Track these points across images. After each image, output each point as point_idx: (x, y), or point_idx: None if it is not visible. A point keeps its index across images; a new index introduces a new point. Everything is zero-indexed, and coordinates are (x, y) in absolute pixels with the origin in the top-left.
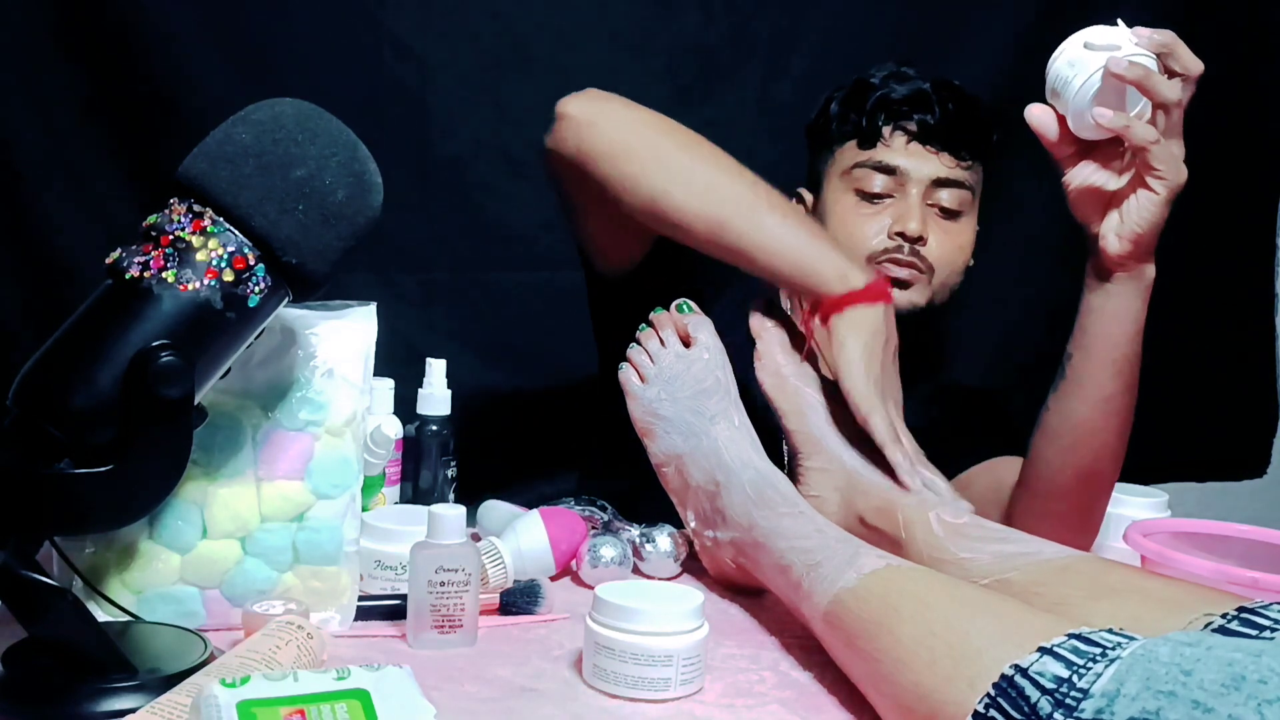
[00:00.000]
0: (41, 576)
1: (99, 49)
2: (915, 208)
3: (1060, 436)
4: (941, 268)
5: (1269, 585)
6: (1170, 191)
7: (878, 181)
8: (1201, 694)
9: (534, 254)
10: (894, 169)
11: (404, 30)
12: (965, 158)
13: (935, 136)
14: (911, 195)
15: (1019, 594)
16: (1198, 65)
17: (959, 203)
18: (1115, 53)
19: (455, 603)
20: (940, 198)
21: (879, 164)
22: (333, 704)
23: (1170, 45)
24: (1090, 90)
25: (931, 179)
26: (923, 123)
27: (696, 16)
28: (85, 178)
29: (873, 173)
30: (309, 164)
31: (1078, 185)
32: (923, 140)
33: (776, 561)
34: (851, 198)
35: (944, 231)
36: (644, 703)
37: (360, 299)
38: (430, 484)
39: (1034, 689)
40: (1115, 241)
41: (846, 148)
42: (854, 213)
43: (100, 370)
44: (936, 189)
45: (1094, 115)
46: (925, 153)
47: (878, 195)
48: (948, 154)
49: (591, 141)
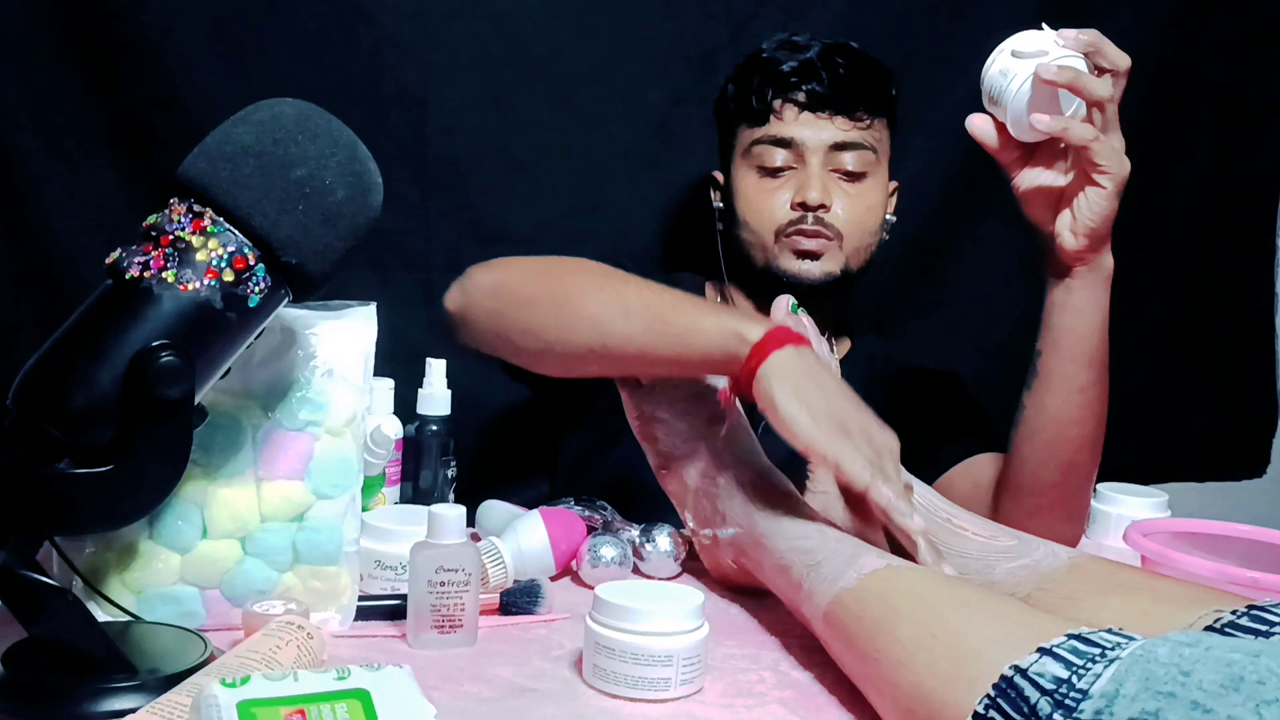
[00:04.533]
0: (41, 576)
1: (99, 49)
2: (815, 176)
3: (1038, 432)
4: (851, 232)
5: (1269, 585)
6: (1116, 184)
7: (777, 156)
8: (1200, 694)
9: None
10: (789, 141)
11: (404, 30)
12: (862, 117)
13: (827, 103)
14: (812, 164)
15: (1027, 592)
16: (1125, 60)
17: (862, 164)
18: (1043, 58)
19: (455, 603)
20: (842, 161)
21: (774, 138)
22: (333, 704)
23: (1096, 44)
24: (1024, 97)
25: (829, 145)
26: (811, 92)
27: (696, 16)
28: (85, 178)
29: (770, 148)
30: (309, 164)
31: (1026, 187)
32: (814, 109)
33: (777, 561)
34: (754, 175)
35: (849, 195)
36: (644, 703)
37: (360, 299)
38: (430, 484)
39: (1033, 690)
40: (1071, 238)
41: (744, 126)
42: (757, 189)
43: (100, 370)
44: (836, 153)
45: (1031, 121)
46: (818, 120)
47: (779, 169)
48: (843, 117)
49: (473, 340)
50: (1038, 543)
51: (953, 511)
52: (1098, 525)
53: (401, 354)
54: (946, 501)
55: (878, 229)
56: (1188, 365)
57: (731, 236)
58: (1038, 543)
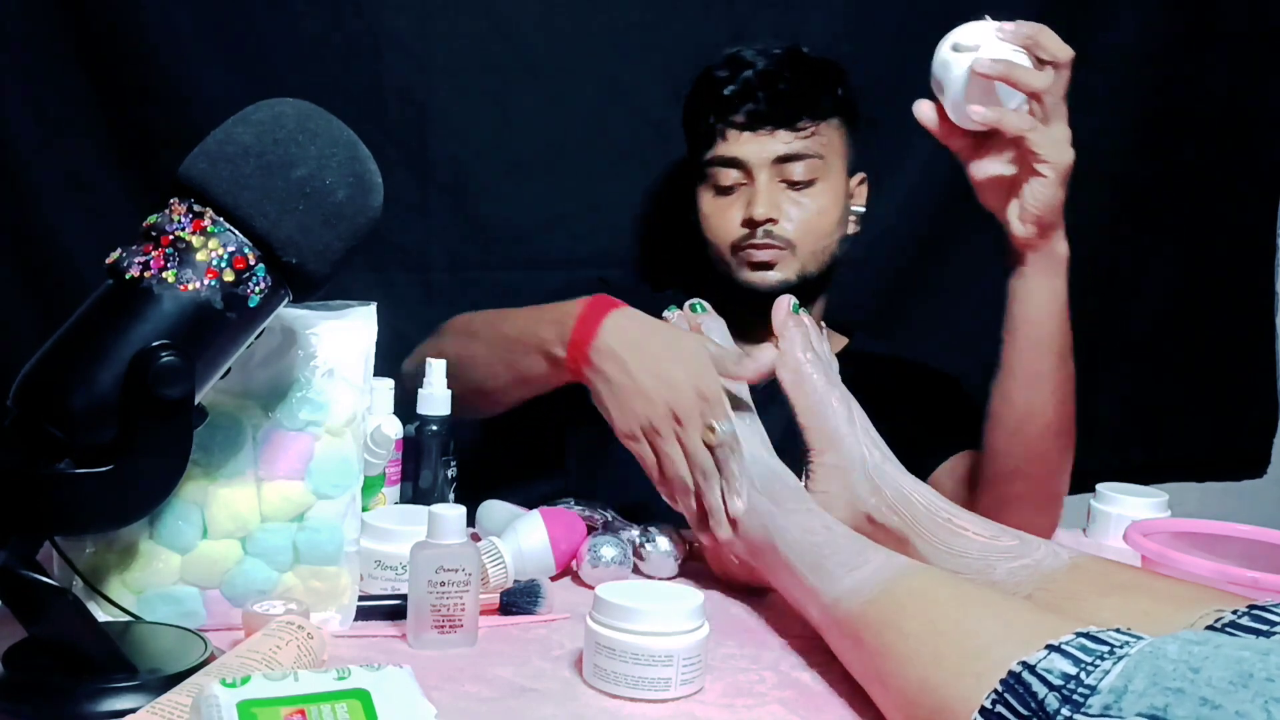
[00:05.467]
0: (41, 576)
1: (99, 49)
2: (761, 191)
3: (1004, 421)
4: (804, 239)
5: (1269, 585)
6: (1058, 173)
7: (728, 175)
8: (1209, 691)
9: (534, 254)
10: (737, 160)
11: (404, 30)
12: (805, 126)
13: (767, 119)
14: (759, 180)
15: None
16: (1066, 52)
17: (809, 171)
18: (978, 52)
19: (455, 603)
20: (790, 172)
21: (723, 159)
22: (333, 704)
23: (1034, 36)
24: (961, 87)
25: (773, 159)
26: (750, 111)
27: (696, 16)
28: (85, 178)
29: (721, 168)
30: (309, 164)
31: (979, 177)
32: (754, 127)
33: (783, 556)
34: (710, 193)
35: (799, 204)
36: (644, 703)
37: (360, 299)
38: (430, 484)
39: (1041, 685)
40: (1020, 225)
41: (699, 147)
42: (713, 207)
43: (100, 370)
44: (782, 165)
45: (968, 111)
46: (759, 137)
47: (731, 187)
48: (785, 130)
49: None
50: (1039, 543)
51: (953, 511)
52: (1098, 525)
53: (401, 354)
54: (946, 501)
55: (833, 229)
56: (1188, 365)
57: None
58: (1039, 543)
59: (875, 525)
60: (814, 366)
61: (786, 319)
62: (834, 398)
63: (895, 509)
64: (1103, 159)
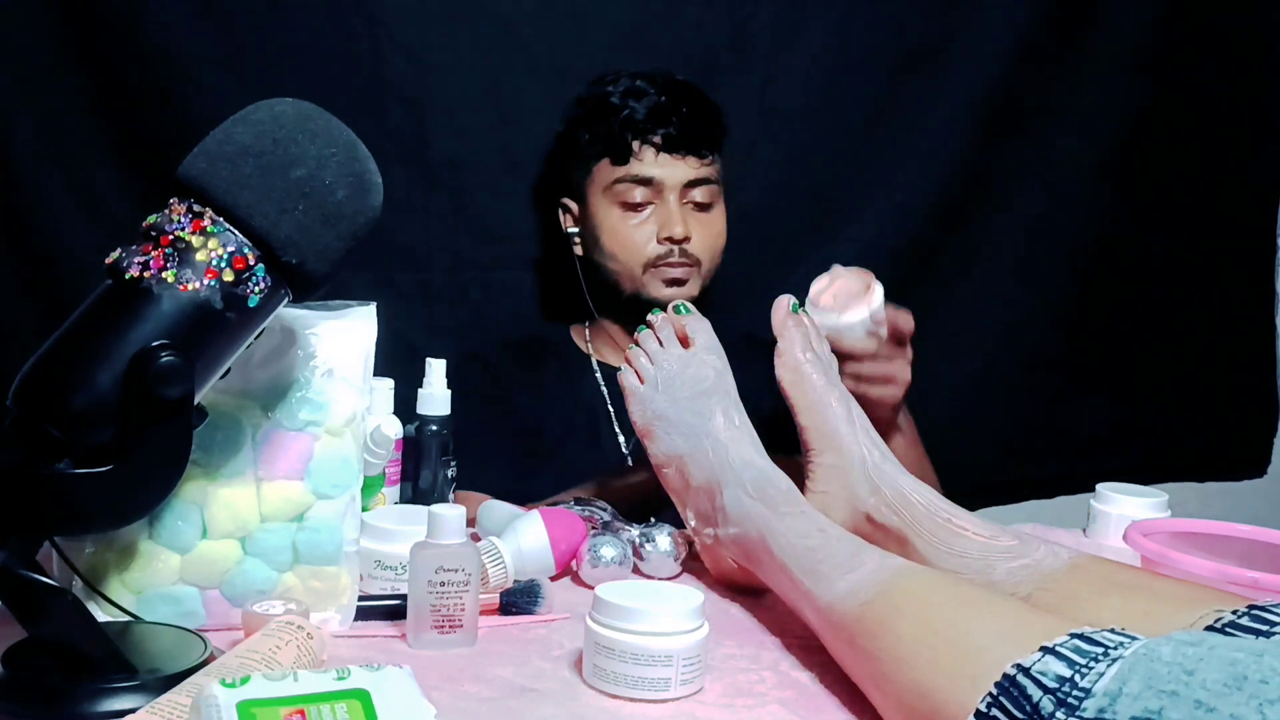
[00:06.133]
0: (41, 576)
1: (99, 49)
2: (675, 212)
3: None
4: (706, 257)
5: (1269, 585)
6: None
7: (638, 193)
8: (1204, 693)
9: (534, 254)
10: (650, 180)
11: (404, 30)
12: (706, 155)
13: (678, 145)
14: (670, 201)
15: (1027, 592)
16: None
17: (709, 196)
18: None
19: (455, 603)
20: (694, 195)
21: (636, 177)
22: (333, 704)
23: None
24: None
25: (684, 182)
26: (666, 135)
27: (696, 16)
28: (85, 177)
29: (632, 186)
30: (309, 164)
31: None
32: (669, 150)
33: (778, 560)
34: (617, 210)
35: (702, 225)
36: (644, 703)
37: (360, 299)
38: (430, 484)
39: (1036, 688)
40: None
41: (602, 164)
42: (623, 224)
43: (100, 370)
44: (689, 189)
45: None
46: (673, 160)
47: (640, 204)
48: (693, 157)
49: None
50: (1038, 543)
51: (953, 512)
52: (1098, 525)
53: (401, 354)
54: (946, 501)
55: (722, 248)
56: (1188, 366)
57: (593, 264)
58: (1038, 543)
59: (875, 525)
60: (813, 366)
61: (786, 319)
62: (833, 398)
63: (895, 509)
64: (1103, 159)
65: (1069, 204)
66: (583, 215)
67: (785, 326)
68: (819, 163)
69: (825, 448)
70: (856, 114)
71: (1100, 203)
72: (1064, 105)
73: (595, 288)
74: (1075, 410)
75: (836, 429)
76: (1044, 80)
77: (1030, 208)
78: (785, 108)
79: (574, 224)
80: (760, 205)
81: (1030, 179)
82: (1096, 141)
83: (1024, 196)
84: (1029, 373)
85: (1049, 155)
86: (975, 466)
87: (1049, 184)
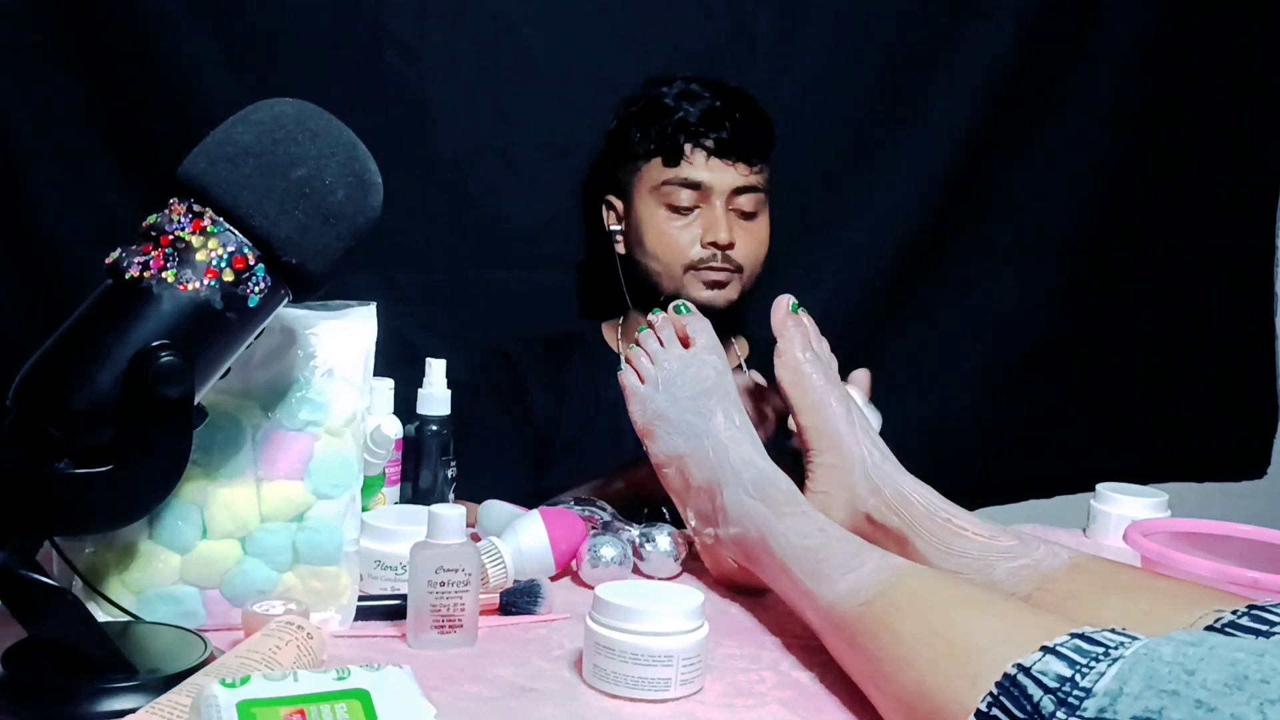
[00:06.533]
0: (41, 576)
1: (99, 49)
2: (721, 218)
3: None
4: (749, 264)
5: (1269, 585)
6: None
7: (685, 196)
8: (1204, 693)
9: (534, 254)
10: (699, 184)
11: (404, 30)
12: (755, 163)
13: (730, 150)
14: (716, 206)
15: (1027, 592)
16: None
17: (755, 204)
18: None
19: (455, 603)
20: (740, 203)
21: (685, 180)
22: (333, 704)
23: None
24: None
25: (732, 188)
26: (718, 139)
27: (696, 16)
28: (85, 178)
29: (680, 188)
30: (309, 164)
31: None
32: (720, 155)
33: (778, 560)
34: (663, 212)
35: (746, 232)
36: (644, 703)
37: (360, 299)
38: (430, 484)
39: (1036, 688)
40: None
41: (652, 164)
42: (669, 226)
43: (100, 370)
44: (736, 196)
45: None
46: (723, 166)
47: (687, 208)
48: (743, 164)
49: None
50: (1038, 543)
51: (953, 512)
52: (1098, 525)
53: (401, 354)
54: (946, 501)
55: (765, 256)
56: (1188, 366)
57: (634, 261)
58: (1038, 543)
59: (875, 525)
60: (813, 366)
61: (786, 318)
62: (833, 397)
63: (895, 509)
64: (1102, 159)
65: (1069, 204)
66: (627, 213)
67: (785, 326)
68: (819, 163)
69: (825, 448)
70: (857, 113)
71: (1100, 203)
72: (1064, 105)
73: (635, 286)
74: (1075, 410)
75: (836, 429)
76: (1044, 80)
77: (1030, 207)
78: (785, 107)
79: (617, 221)
80: None
81: (1030, 179)
82: (1097, 141)
83: (1024, 196)
84: (1029, 372)
85: (1049, 155)
86: (975, 466)
87: (1049, 183)
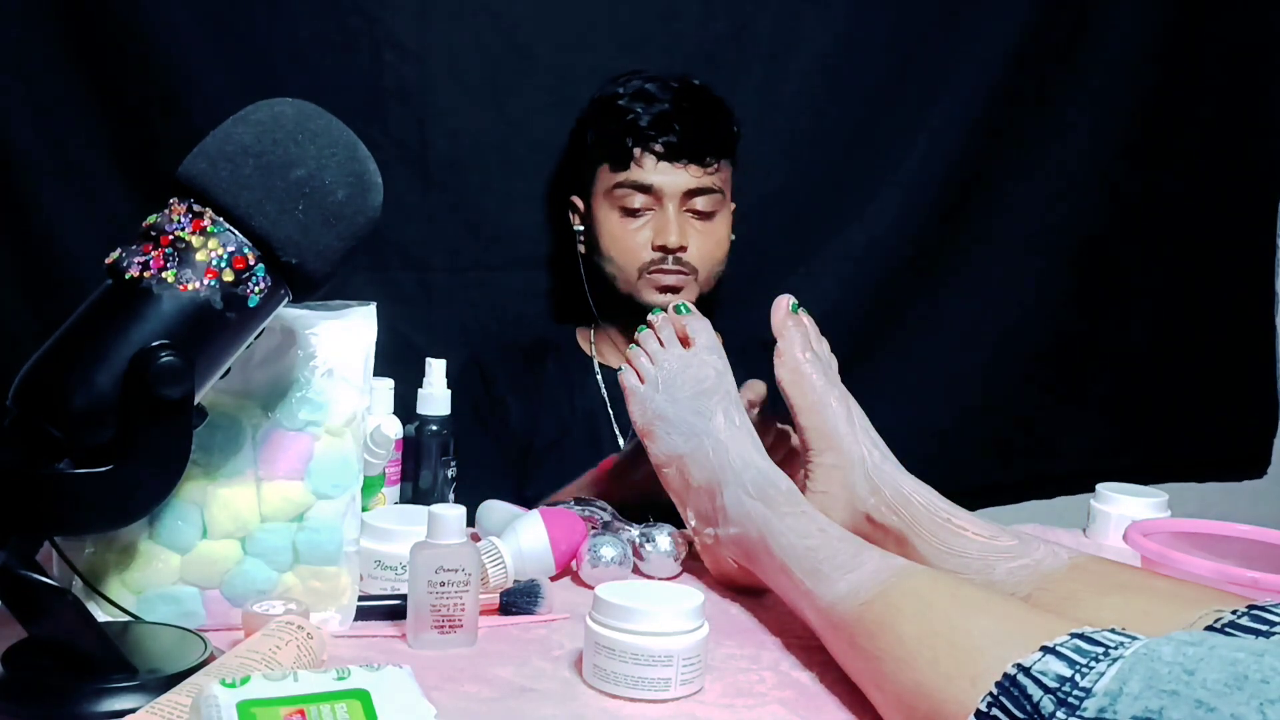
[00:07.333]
0: (41, 576)
1: (99, 49)
2: (672, 220)
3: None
4: (704, 265)
5: (1269, 585)
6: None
7: (637, 199)
8: (1204, 693)
9: (534, 254)
10: (649, 187)
11: (404, 30)
12: (711, 163)
13: (681, 153)
14: (668, 209)
15: (1027, 592)
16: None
17: (711, 205)
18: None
19: (455, 603)
20: (695, 204)
21: (635, 184)
22: (333, 704)
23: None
24: None
25: (684, 190)
26: (667, 143)
27: (697, 16)
28: (85, 178)
29: (631, 191)
30: (309, 164)
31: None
32: (670, 158)
33: (778, 560)
34: (616, 215)
35: (701, 233)
36: (644, 703)
37: (360, 299)
38: (430, 484)
39: (1036, 688)
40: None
41: (605, 167)
42: (621, 229)
43: (100, 370)
44: (690, 198)
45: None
46: (674, 168)
47: (638, 210)
48: (695, 165)
49: None
50: (1038, 543)
51: (952, 512)
52: (1098, 525)
53: (401, 354)
54: (946, 501)
55: (724, 257)
56: (1188, 366)
57: (593, 263)
58: (1038, 543)
59: (874, 525)
60: (813, 366)
61: (786, 318)
62: (833, 397)
63: (895, 509)
64: (1102, 159)
65: (1069, 204)
66: (587, 214)
67: (785, 326)
68: (819, 162)
69: (825, 448)
70: (857, 113)
71: (1100, 202)
72: (1064, 105)
73: (596, 288)
74: (1075, 410)
75: (836, 429)
76: (1044, 80)
77: (1030, 207)
78: (786, 107)
79: (580, 222)
80: (760, 206)
81: (1030, 178)
82: (1097, 141)
83: (1024, 196)
84: (1029, 372)
85: (1049, 155)
86: (975, 466)
87: (1049, 183)
